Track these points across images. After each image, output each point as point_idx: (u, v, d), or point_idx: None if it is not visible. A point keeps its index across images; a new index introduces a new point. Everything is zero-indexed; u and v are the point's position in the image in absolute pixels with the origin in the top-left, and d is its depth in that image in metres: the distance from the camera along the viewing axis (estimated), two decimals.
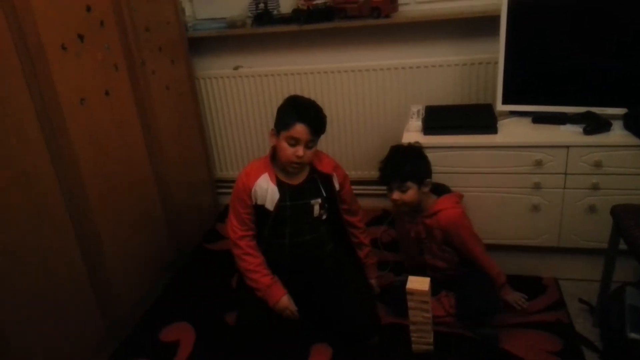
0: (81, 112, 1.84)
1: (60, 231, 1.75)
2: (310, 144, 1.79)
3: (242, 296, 1.95)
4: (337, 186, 1.96)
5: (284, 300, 1.87)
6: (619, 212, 1.70)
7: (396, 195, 1.91)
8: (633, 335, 1.68)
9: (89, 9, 1.87)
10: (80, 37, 1.83)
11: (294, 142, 1.76)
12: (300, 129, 1.74)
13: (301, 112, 1.76)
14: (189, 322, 2.13)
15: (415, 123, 2.22)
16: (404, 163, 1.90)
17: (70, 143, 1.78)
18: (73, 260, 1.81)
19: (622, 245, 1.69)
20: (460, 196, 2.01)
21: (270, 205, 1.86)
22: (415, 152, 1.96)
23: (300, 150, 1.76)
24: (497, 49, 2.15)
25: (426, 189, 1.93)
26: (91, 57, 1.89)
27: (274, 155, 1.89)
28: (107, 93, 1.97)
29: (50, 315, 1.70)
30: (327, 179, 1.93)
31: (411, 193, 1.90)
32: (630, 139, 1.93)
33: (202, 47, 2.79)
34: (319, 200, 1.92)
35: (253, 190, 1.86)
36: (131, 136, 2.14)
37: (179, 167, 2.51)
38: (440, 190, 2.02)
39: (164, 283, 2.39)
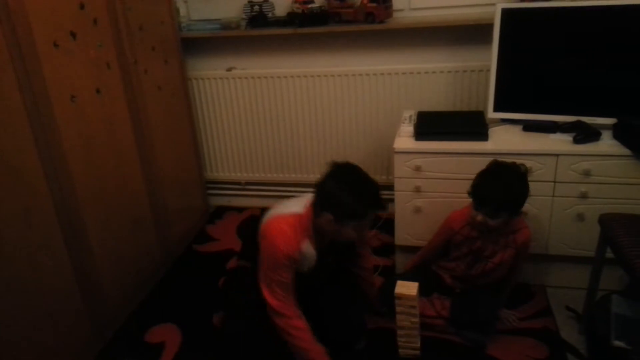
0: (72, 110, 1.82)
1: (48, 229, 1.74)
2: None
3: (230, 299, 1.93)
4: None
5: None
6: (606, 221, 1.72)
7: (482, 218, 1.82)
8: (617, 342, 1.70)
9: (82, 6, 1.86)
10: (73, 35, 1.82)
11: (362, 227, 1.68)
12: (371, 217, 1.66)
13: (374, 201, 1.63)
14: (176, 323, 2.12)
15: (407, 128, 2.23)
16: (506, 193, 1.78)
17: (60, 141, 1.76)
18: (60, 259, 1.79)
19: (609, 254, 1.70)
20: (525, 213, 1.99)
21: (306, 268, 1.74)
22: (519, 180, 1.81)
23: (365, 230, 1.74)
24: (490, 57, 2.17)
25: (516, 218, 1.87)
26: (83, 55, 1.88)
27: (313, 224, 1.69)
28: (98, 91, 1.96)
29: (36, 314, 1.69)
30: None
31: (499, 221, 1.82)
32: (619, 149, 1.95)
33: (196, 48, 2.78)
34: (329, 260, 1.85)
35: (296, 257, 1.66)
36: (122, 135, 2.13)
37: (169, 168, 2.50)
38: None
39: (152, 284, 2.38)
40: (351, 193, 1.58)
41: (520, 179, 1.82)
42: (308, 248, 1.69)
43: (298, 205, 1.71)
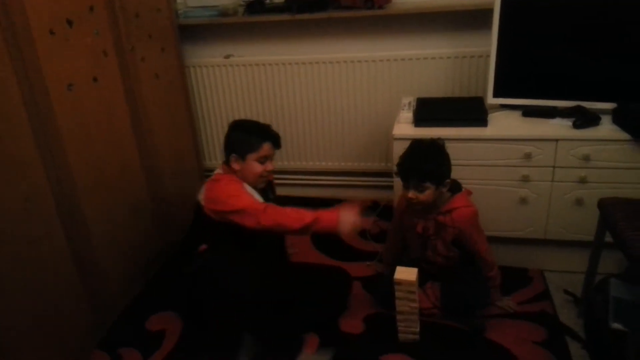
0: (69, 98, 1.81)
1: (48, 219, 1.74)
2: (273, 157, 1.97)
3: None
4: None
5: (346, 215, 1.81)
6: (606, 206, 1.72)
7: (412, 194, 1.85)
8: (616, 325, 1.71)
9: None
10: (69, 22, 1.81)
11: (264, 159, 1.92)
12: (267, 147, 1.92)
13: (264, 133, 1.93)
14: (176, 311, 2.13)
15: (406, 115, 2.22)
16: (424, 162, 1.84)
17: (57, 129, 1.76)
18: (60, 248, 1.80)
19: (608, 238, 1.71)
20: (470, 192, 1.99)
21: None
22: (436, 150, 1.89)
23: (270, 165, 1.94)
24: (489, 43, 2.15)
25: (444, 189, 1.89)
26: (80, 43, 1.87)
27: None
28: (95, 79, 1.95)
29: (37, 303, 1.69)
30: (269, 188, 2.09)
31: (428, 193, 1.84)
32: (619, 134, 1.95)
33: (193, 35, 2.76)
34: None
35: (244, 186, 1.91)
36: (119, 123, 2.12)
37: (167, 156, 2.49)
38: (451, 185, 1.96)
39: (152, 272, 2.38)
40: (243, 131, 1.95)
41: (435, 147, 1.89)
42: (247, 188, 1.90)
43: (216, 171, 1.99)
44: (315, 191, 2.98)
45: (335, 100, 2.72)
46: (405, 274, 1.79)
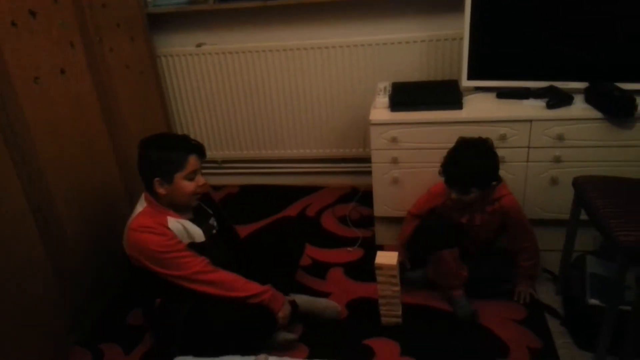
0: (36, 92, 1.76)
1: (19, 217, 1.69)
2: (201, 170, 1.78)
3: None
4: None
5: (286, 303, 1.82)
6: (580, 184, 1.75)
7: (456, 196, 1.87)
8: (593, 301, 1.75)
9: None
10: (32, 14, 1.75)
11: (193, 175, 1.74)
12: (193, 161, 1.73)
13: (185, 146, 1.73)
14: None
15: (382, 99, 2.22)
16: (470, 170, 1.81)
17: (25, 123, 1.70)
18: (34, 247, 1.75)
19: (583, 216, 1.74)
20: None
21: (199, 238, 1.79)
22: (483, 155, 1.85)
23: (201, 179, 1.76)
24: (463, 26, 2.15)
25: (490, 191, 1.90)
26: (45, 34, 1.81)
27: (160, 203, 1.77)
28: (62, 72, 1.90)
29: (14, 305, 1.65)
30: (206, 198, 1.93)
31: (473, 196, 1.86)
32: (591, 112, 1.97)
33: (163, 24, 2.70)
34: (213, 218, 1.92)
35: (167, 232, 1.72)
36: (90, 116, 2.06)
37: None
38: None
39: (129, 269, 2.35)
40: (160, 148, 1.72)
41: (484, 154, 1.85)
42: (174, 224, 1.73)
43: (138, 207, 1.77)
44: (294, 179, 2.97)
45: (311, 86, 2.70)
46: (386, 258, 1.80)
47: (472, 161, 1.82)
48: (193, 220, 1.81)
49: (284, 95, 2.75)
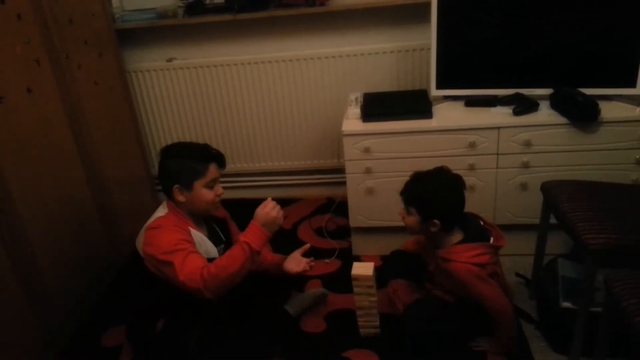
0: (0, 112, 1.72)
1: None
2: (220, 179, 1.79)
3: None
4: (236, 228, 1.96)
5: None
6: (548, 189, 1.78)
7: (401, 211, 1.78)
8: (565, 304, 1.78)
9: (2, 1, 1.74)
10: None
11: (212, 184, 1.74)
12: (213, 169, 1.74)
13: (206, 154, 1.74)
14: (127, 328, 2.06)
15: (354, 110, 2.23)
16: (414, 185, 1.73)
17: None
18: (2, 270, 1.71)
19: (553, 220, 1.77)
20: (489, 247, 1.72)
21: (214, 254, 1.77)
22: (440, 184, 1.70)
23: (219, 189, 1.77)
24: (430, 36, 2.19)
25: (433, 229, 1.70)
26: (9, 52, 1.78)
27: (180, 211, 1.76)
28: (29, 90, 1.86)
29: None
30: (223, 224, 1.92)
31: (412, 219, 1.73)
32: (557, 118, 2.02)
33: (133, 40, 2.68)
34: (223, 246, 1.88)
35: (187, 236, 1.70)
36: (58, 135, 2.03)
37: (113, 165, 2.40)
38: (468, 226, 1.76)
39: (104, 286, 2.30)
40: (181, 156, 1.73)
41: (442, 185, 1.70)
42: (195, 234, 1.74)
43: (159, 212, 1.76)
44: (269, 192, 2.96)
45: (283, 98, 2.71)
46: (363, 269, 1.80)
47: (425, 180, 1.73)
48: (209, 237, 1.81)
49: (256, 108, 2.74)
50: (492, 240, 1.74)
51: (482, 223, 1.81)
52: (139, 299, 1.91)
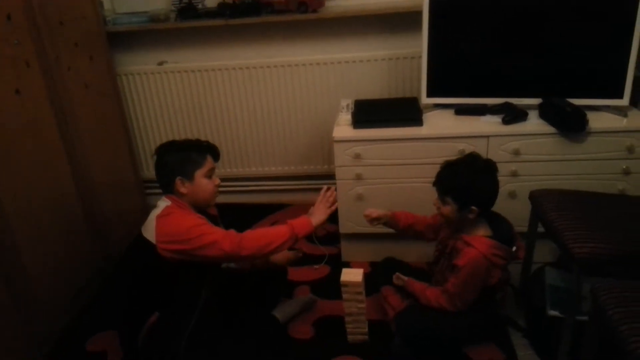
0: None
1: None
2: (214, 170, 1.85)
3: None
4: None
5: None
6: (536, 197, 1.80)
7: (435, 201, 1.76)
8: (552, 312, 1.79)
9: None
10: None
11: (210, 173, 1.80)
12: (210, 160, 1.80)
13: (201, 146, 1.81)
14: (117, 330, 2.04)
15: (345, 117, 2.24)
16: (450, 176, 1.71)
17: None
18: None
19: (541, 228, 1.79)
20: (509, 254, 1.72)
21: None
22: (476, 171, 1.70)
23: (217, 179, 1.82)
24: (421, 44, 2.20)
25: (470, 215, 1.70)
26: None
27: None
28: (17, 92, 1.85)
29: None
30: (214, 220, 1.90)
31: (448, 209, 1.71)
32: (545, 127, 2.04)
33: (124, 43, 2.67)
34: None
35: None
36: (46, 138, 2.01)
37: (102, 170, 2.39)
38: (500, 228, 1.76)
39: (92, 290, 2.28)
40: (178, 150, 1.78)
41: (477, 171, 1.70)
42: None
43: (162, 204, 1.77)
44: (259, 197, 2.95)
45: (275, 104, 2.71)
46: (352, 275, 1.80)
47: (461, 169, 1.72)
48: None
49: (247, 114, 2.74)
50: (514, 248, 1.74)
51: (513, 231, 1.79)
52: (135, 291, 1.91)
